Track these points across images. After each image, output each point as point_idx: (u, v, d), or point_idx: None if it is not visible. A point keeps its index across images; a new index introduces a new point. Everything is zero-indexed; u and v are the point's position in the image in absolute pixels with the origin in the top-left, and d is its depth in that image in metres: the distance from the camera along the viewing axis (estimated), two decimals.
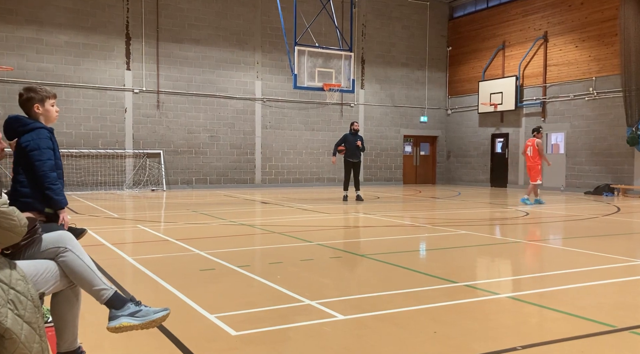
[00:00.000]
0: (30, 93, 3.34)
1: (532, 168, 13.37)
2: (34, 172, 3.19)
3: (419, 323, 3.80)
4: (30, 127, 3.25)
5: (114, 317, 2.73)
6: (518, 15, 20.07)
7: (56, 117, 3.44)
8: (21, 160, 3.22)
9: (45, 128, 3.30)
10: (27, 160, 3.20)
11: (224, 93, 18.84)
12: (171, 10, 18.00)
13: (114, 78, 17.31)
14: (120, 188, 17.24)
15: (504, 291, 4.86)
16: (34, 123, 3.27)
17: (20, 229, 2.40)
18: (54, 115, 3.41)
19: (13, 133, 3.29)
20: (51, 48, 16.43)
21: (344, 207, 12.43)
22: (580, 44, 17.92)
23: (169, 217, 10.54)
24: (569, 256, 6.53)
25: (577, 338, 3.50)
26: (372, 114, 21.62)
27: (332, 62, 14.95)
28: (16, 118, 3.29)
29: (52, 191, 3.19)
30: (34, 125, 3.26)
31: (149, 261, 5.97)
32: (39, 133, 3.23)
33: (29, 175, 3.20)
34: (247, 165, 19.38)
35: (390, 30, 21.76)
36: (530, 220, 10.25)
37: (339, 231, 8.99)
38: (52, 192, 3.18)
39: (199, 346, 3.32)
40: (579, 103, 18.04)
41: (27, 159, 3.19)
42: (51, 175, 3.21)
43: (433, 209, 12.79)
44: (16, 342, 2.26)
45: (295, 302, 4.29)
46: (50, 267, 2.64)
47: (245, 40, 19.15)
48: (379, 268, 5.77)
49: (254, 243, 7.63)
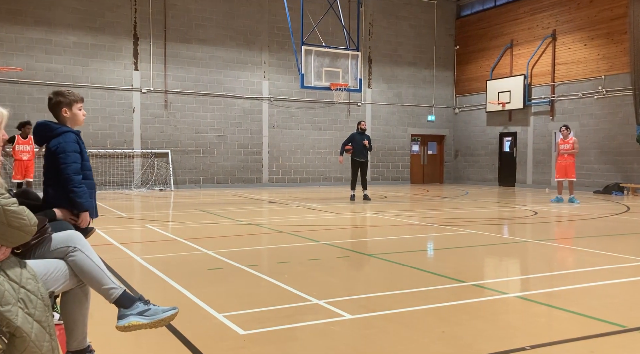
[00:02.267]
0: (58, 97, 3.44)
1: (573, 165, 13.73)
2: (59, 174, 3.31)
3: (427, 323, 3.79)
4: (57, 132, 3.38)
5: (122, 316, 2.74)
6: (526, 13, 19.96)
7: (83, 120, 3.54)
8: (50, 163, 3.36)
9: (72, 132, 3.42)
10: (55, 164, 3.33)
11: (232, 93, 18.89)
12: (179, 11, 18.06)
13: (122, 79, 17.40)
14: (129, 188, 17.32)
15: (512, 291, 4.83)
16: (61, 128, 3.39)
17: (30, 228, 2.42)
18: (81, 119, 3.51)
19: (42, 139, 3.44)
20: (60, 48, 16.54)
21: (351, 207, 12.42)
22: (589, 42, 17.80)
23: (177, 216, 10.58)
24: (578, 256, 6.48)
25: (586, 338, 3.48)
26: (379, 113, 21.58)
27: (339, 62, 14.94)
28: (44, 125, 3.42)
29: (75, 193, 3.30)
30: (61, 130, 3.38)
31: (157, 260, 6.00)
32: (66, 137, 3.35)
33: (57, 178, 3.34)
34: (254, 165, 19.42)
35: (397, 29, 21.71)
36: (539, 220, 10.19)
37: (347, 230, 8.99)
38: (74, 195, 3.30)
39: (207, 345, 3.33)
40: (587, 101, 17.92)
41: (55, 163, 3.33)
42: (75, 178, 3.32)
43: (441, 208, 12.75)
44: (27, 340, 2.27)
45: (302, 301, 4.29)
46: (60, 266, 2.66)
47: (253, 40, 19.18)
48: (386, 268, 5.75)
49: (262, 242, 7.64)
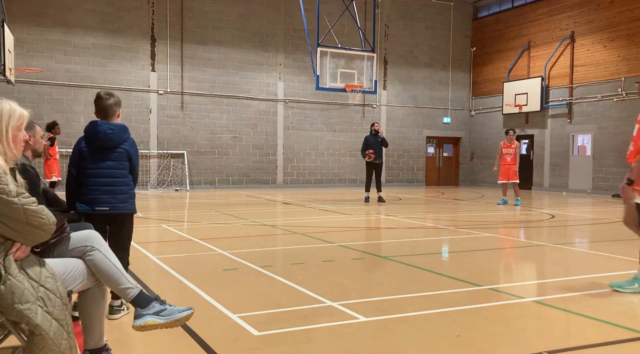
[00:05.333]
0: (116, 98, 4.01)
1: (514, 167, 13.70)
2: (133, 175, 4.05)
3: (442, 326, 3.76)
4: (129, 135, 4.02)
5: (139, 316, 2.77)
6: (544, 15, 19.75)
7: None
8: (124, 165, 3.94)
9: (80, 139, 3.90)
10: (130, 165, 4.01)
11: (247, 94, 18.97)
12: (195, 13, 18.20)
13: (139, 80, 17.58)
14: (145, 188, 17.48)
15: (528, 295, 4.78)
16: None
17: (49, 227, 2.45)
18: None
19: (120, 140, 3.94)
20: (79, 50, 16.76)
21: (366, 208, 12.39)
22: (609, 43, 17.55)
23: (193, 217, 10.65)
24: (596, 260, 6.39)
25: (605, 344, 3.43)
26: (395, 115, 21.51)
27: (355, 63, 14.92)
28: (124, 127, 3.95)
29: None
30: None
31: (173, 260, 6.04)
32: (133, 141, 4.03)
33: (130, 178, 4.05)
34: (269, 166, 19.47)
35: (413, 31, 21.63)
36: (556, 223, 10.07)
37: (361, 232, 8.97)
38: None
39: (222, 346, 3.35)
40: (607, 104, 17.66)
41: (130, 164, 4.00)
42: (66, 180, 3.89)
43: (456, 211, 12.66)
44: (45, 338, 2.31)
45: (317, 303, 4.29)
46: (78, 265, 2.69)
47: (268, 42, 19.25)
48: (401, 270, 5.73)
49: (276, 243, 7.66)
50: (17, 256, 2.38)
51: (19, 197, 2.34)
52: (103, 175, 3.74)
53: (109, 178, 3.75)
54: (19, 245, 2.40)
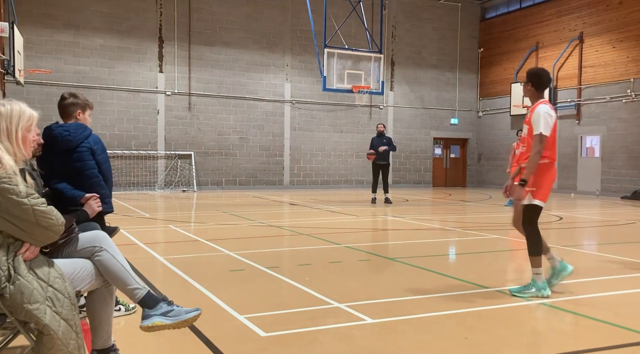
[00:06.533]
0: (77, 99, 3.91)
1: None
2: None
3: (449, 329, 3.75)
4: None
5: (146, 316, 2.77)
6: (552, 15, 19.65)
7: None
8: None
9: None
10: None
11: (254, 95, 19.01)
12: (203, 14, 18.26)
13: (147, 81, 17.66)
14: (153, 189, 17.55)
15: (537, 298, 4.75)
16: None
17: (57, 228, 2.47)
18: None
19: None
20: (87, 51, 16.86)
21: (373, 210, 12.38)
22: (618, 44, 17.43)
23: (200, 218, 10.68)
24: (606, 263, 6.34)
25: (615, 347, 3.40)
26: (402, 116, 21.47)
27: (362, 64, 14.91)
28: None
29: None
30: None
31: (180, 261, 6.06)
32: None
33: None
34: (275, 167, 19.49)
35: (420, 32, 21.59)
36: (564, 225, 10.00)
37: (368, 233, 8.95)
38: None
39: (229, 347, 3.35)
40: (615, 105, 17.54)
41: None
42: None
43: (463, 213, 12.62)
44: (54, 338, 2.32)
45: (323, 304, 4.29)
46: (86, 266, 2.70)
47: (275, 43, 19.28)
48: (408, 272, 5.71)
49: (283, 244, 7.66)
50: (26, 256, 2.40)
51: (28, 198, 2.35)
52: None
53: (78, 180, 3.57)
54: (28, 245, 2.41)
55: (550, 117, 4.57)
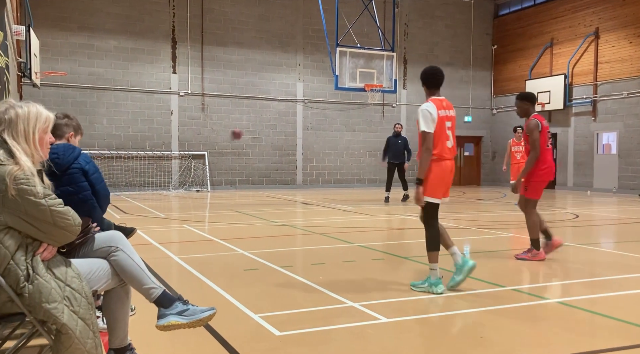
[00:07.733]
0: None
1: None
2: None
3: (465, 328, 3.73)
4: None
5: (162, 316, 2.80)
6: (567, 11, 19.42)
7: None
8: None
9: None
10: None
11: (266, 95, 19.05)
12: (215, 14, 18.35)
13: (161, 82, 17.79)
14: (167, 189, 17.69)
15: (553, 296, 4.71)
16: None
17: (74, 228, 2.50)
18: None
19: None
20: (101, 53, 17.03)
21: (386, 209, 12.34)
22: (635, 39, 17.17)
23: (214, 217, 10.74)
24: (623, 261, 6.25)
25: (632, 347, 3.35)
26: (415, 115, 21.33)
27: (374, 63, 14.87)
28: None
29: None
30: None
31: (195, 260, 6.10)
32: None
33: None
34: (288, 166, 19.52)
35: (433, 30, 21.47)
36: (580, 223, 9.89)
37: (381, 233, 8.94)
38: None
39: (244, 346, 3.37)
40: (633, 101, 17.29)
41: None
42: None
43: (478, 211, 12.53)
44: (72, 337, 2.35)
45: (337, 304, 4.29)
46: (102, 266, 2.74)
47: (288, 43, 19.31)
48: (422, 271, 5.68)
49: (296, 243, 7.67)
50: (44, 256, 2.43)
51: (46, 199, 2.39)
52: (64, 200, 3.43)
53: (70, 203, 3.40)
54: (46, 245, 2.45)
55: (430, 113, 4.79)
